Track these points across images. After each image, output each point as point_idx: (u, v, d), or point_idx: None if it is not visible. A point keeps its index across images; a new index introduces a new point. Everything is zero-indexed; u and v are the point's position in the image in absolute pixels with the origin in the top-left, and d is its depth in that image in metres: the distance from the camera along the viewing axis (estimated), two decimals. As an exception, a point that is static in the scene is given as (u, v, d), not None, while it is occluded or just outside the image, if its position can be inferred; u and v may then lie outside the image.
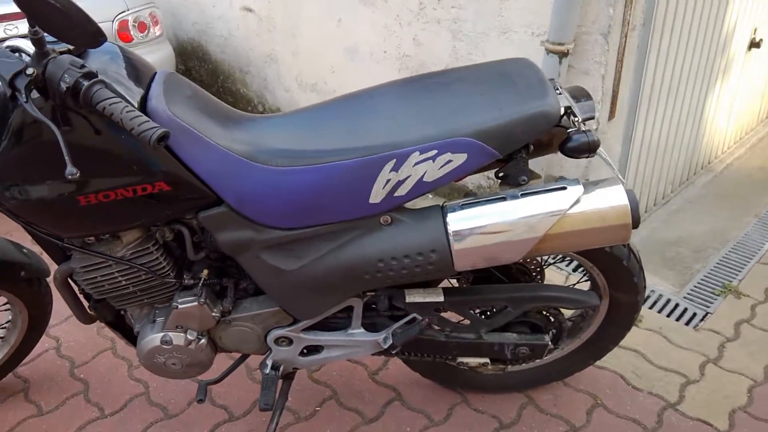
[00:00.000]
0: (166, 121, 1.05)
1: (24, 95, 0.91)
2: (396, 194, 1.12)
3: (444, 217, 1.13)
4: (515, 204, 1.11)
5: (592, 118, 1.14)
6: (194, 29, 3.94)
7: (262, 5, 3.21)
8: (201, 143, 1.08)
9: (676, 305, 2.09)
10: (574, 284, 1.47)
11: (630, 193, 1.13)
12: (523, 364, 1.59)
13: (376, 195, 1.11)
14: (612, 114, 2.07)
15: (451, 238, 1.12)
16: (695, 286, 2.20)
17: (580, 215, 1.11)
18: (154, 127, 0.88)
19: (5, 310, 1.63)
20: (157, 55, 3.02)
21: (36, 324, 1.66)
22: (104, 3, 2.81)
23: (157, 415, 1.67)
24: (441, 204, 1.17)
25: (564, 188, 1.12)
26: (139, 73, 1.10)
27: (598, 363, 1.79)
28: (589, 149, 1.12)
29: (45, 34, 0.93)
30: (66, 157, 0.90)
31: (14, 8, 2.45)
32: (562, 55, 1.94)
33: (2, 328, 1.68)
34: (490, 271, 1.40)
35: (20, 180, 1.04)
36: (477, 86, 1.17)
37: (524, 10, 2.08)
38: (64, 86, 0.91)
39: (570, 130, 1.13)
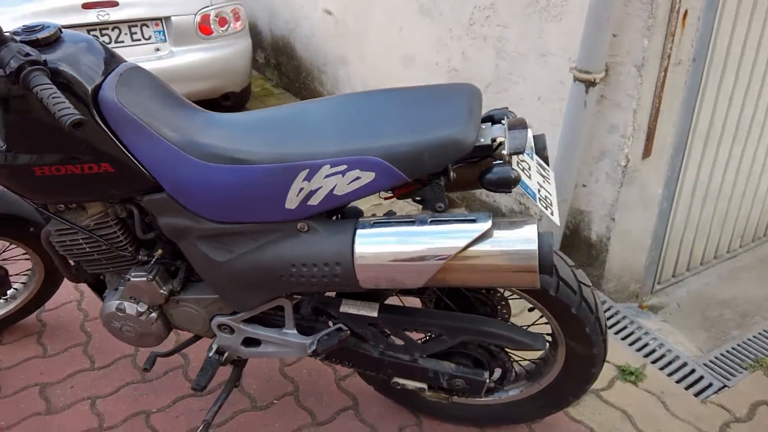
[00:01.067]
0: (113, 109, 1.15)
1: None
2: (309, 203, 1.13)
3: (354, 232, 1.13)
4: (421, 229, 1.08)
5: (521, 152, 1.08)
6: (286, 27, 4.16)
7: (339, 8, 3.32)
8: (143, 132, 1.16)
9: (692, 371, 1.89)
10: (529, 325, 1.38)
11: (544, 236, 1.06)
12: (468, 398, 1.52)
13: (291, 201, 1.13)
14: (647, 152, 1.91)
15: (355, 253, 1.11)
16: (722, 354, 1.97)
17: (483, 251, 1.06)
18: (72, 114, 0.97)
19: (26, 259, 1.84)
20: (234, 48, 3.23)
21: (51, 276, 1.86)
22: (186, 1, 3.06)
23: (135, 376, 1.80)
24: (357, 219, 1.17)
25: (473, 221, 1.08)
26: (103, 64, 1.20)
27: (576, 415, 1.68)
28: (505, 184, 1.07)
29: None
30: None
31: (105, -4, 2.76)
32: (589, 83, 1.83)
33: (24, 275, 1.91)
34: (453, 297, 1.37)
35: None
36: (403, 108, 1.16)
37: (562, 35, 1.99)
38: (7, 70, 1.03)
39: (495, 162, 1.08)
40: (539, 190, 1.16)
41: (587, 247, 2.16)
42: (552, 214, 1.16)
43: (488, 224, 1.06)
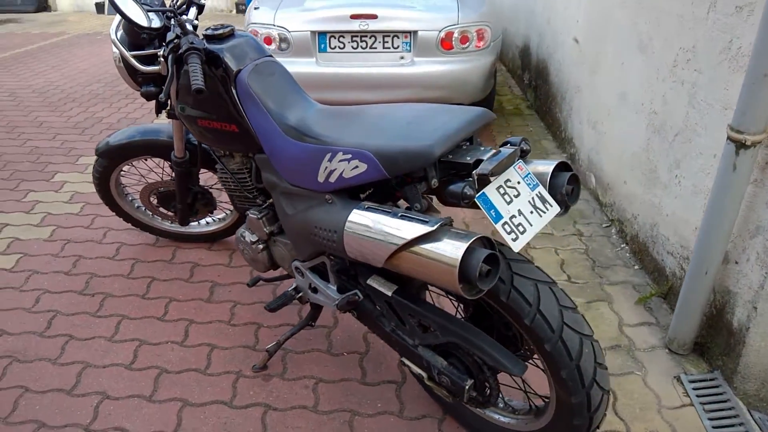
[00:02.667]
0: (242, 87, 1.59)
1: (167, 51, 1.60)
2: (329, 180, 1.39)
3: (351, 210, 1.35)
4: (390, 219, 1.24)
5: (485, 174, 1.15)
6: (546, 51, 4.29)
7: (584, 37, 3.33)
8: (257, 106, 1.58)
9: None
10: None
11: (475, 252, 1.11)
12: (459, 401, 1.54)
13: (320, 176, 1.41)
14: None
15: (345, 226, 1.33)
16: None
17: (422, 249, 1.18)
18: (198, 83, 1.43)
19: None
20: (469, 64, 3.53)
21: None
22: (437, 17, 3.47)
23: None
24: (359, 201, 1.38)
25: (425, 222, 1.19)
26: (250, 54, 1.65)
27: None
28: (455, 197, 1.16)
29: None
30: (168, 91, 1.53)
31: (368, 10, 3.37)
32: (740, 145, 1.60)
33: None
34: (484, 316, 1.48)
35: (181, 101, 1.76)
36: (414, 119, 1.32)
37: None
38: (179, 51, 1.55)
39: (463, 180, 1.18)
40: (513, 216, 1.20)
41: (727, 333, 1.86)
42: (514, 240, 1.20)
43: (431, 228, 1.17)
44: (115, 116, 4.60)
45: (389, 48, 3.52)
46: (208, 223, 2.65)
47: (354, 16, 3.42)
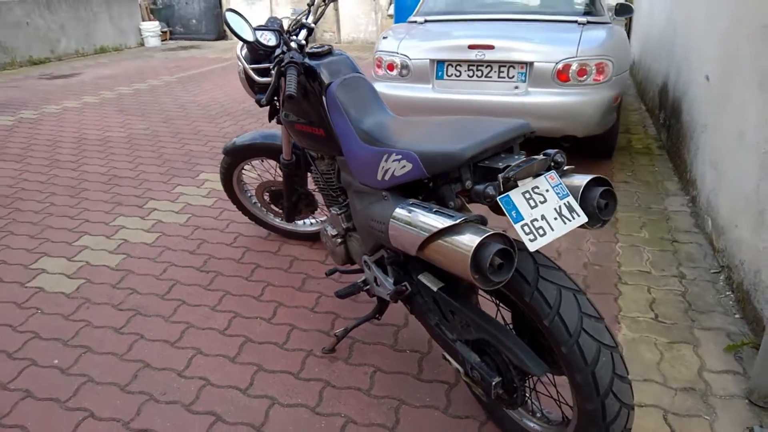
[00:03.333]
0: (330, 97, 1.82)
1: (273, 64, 1.89)
2: (385, 178, 1.56)
3: (397, 205, 1.50)
4: (426, 213, 1.37)
5: (507, 177, 1.26)
6: (681, 89, 4.12)
7: (714, 74, 3.18)
8: (340, 114, 1.80)
9: None
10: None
11: (487, 246, 1.21)
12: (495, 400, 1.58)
13: (379, 174, 1.58)
14: None
15: (390, 219, 1.48)
16: None
17: (446, 240, 1.29)
18: (291, 90, 1.69)
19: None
20: (584, 98, 3.51)
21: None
22: (555, 49, 3.52)
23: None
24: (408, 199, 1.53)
25: (451, 217, 1.30)
26: (342, 71, 1.88)
27: None
28: (478, 196, 1.27)
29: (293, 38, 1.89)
30: (270, 97, 1.81)
31: (485, 41, 3.52)
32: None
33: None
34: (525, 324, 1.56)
35: (285, 108, 2.04)
36: (459, 129, 1.44)
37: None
38: (282, 64, 1.83)
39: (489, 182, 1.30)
40: (535, 220, 1.28)
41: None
42: (531, 240, 1.26)
43: (454, 222, 1.29)
44: (260, 128, 5.21)
45: (504, 77, 3.63)
46: (311, 223, 2.95)
47: (472, 47, 3.59)
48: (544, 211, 1.32)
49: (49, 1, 9.61)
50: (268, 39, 1.97)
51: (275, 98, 2.10)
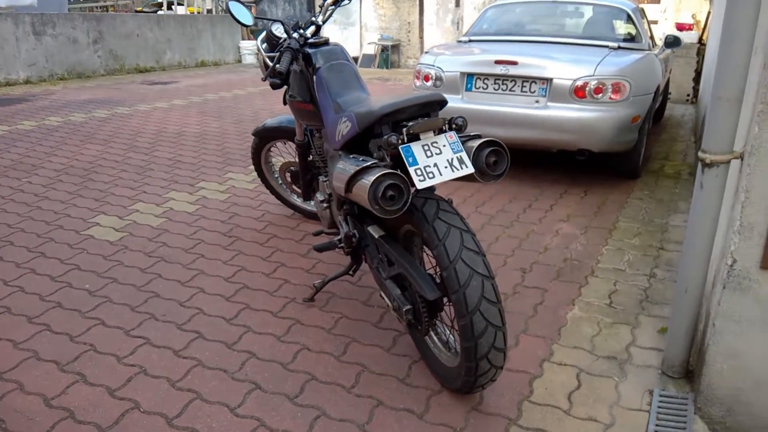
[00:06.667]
0: (318, 77, 2.21)
1: (277, 50, 2.32)
2: (338, 138, 1.93)
3: (341, 159, 1.86)
4: (351, 162, 1.74)
5: (409, 131, 1.63)
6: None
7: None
8: (324, 91, 2.19)
9: None
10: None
11: (379, 182, 1.55)
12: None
13: (337, 136, 1.96)
14: (765, 262, 1.59)
15: (334, 170, 1.84)
16: None
17: (359, 180, 1.64)
18: (279, 67, 2.11)
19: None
20: (599, 114, 3.71)
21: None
22: (573, 68, 3.75)
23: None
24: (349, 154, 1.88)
25: (365, 161, 1.65)
26: (333, 57, 2.27)
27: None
28: (387, 145, 1.67)
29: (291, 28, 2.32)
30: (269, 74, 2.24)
31: (510, 57, 3.82)
32: (703, 164, 1.69)
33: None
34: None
35: (290, 90, 2.46)
36: (392, 98, 1.79)
37: None
38: (280, 48, 2.25)
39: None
40: (428, 166, 1.59)
41: (695, 354, 1.86)
42: (421, 180, 1.58)
43: (364, 165, 1.63)
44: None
45: (526, 92, 3.90)
46: (326, 204, 3.35)
47: (498, 62, 3.91)
48: (437, 161, 1.64)
49: (160, 17, 10.88)
50: (279, 31, 2.42)
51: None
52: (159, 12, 12.77)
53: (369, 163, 1.65)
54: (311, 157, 2.71)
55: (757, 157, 1.54)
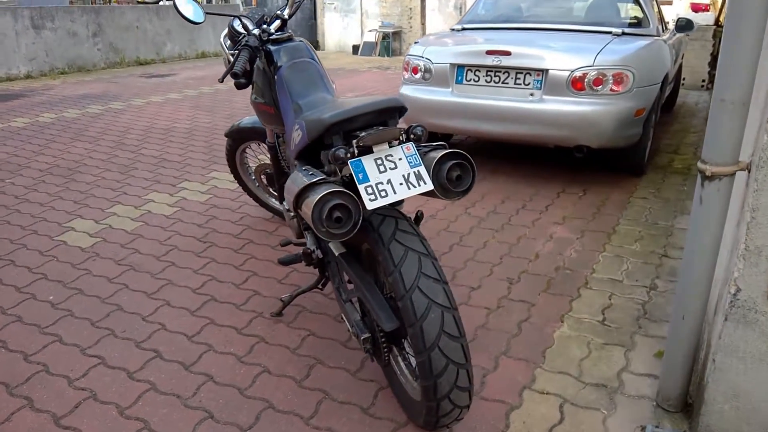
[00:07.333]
0: (279, 78, 2.02)
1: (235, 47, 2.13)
2: (292, 147, 1.74)
3: (294, 171, 1.67)
4: (302, 176, 1.53)
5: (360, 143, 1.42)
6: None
7: None
8: (284, 94, 2.00)
9: None
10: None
11: (323, 203, 1.39)
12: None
13: (292, 144, 1.77)
14: (775, 290, 1.39)
15: (287, 183, 1.64)
16: None
17: (305, 198, 1.48)
18: (235, 68, 1.92)
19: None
20: (599, 107, 3.47)
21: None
22: (571, 58, 3.52)
23: (318, 272, 2.71)
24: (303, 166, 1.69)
25: (313, 176, 1.47)
26: (296, 54, 2.08)
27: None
28: (334, 160, 1.46)
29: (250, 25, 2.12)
30: (225, 75, 2.06)
31: (502, 47, 3.59)
32: (703, 176, 1.48)
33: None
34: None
35: (254, 91, 2.28)
36: (345, 103, 1.61)
37: None
38: (238, 46, 2.06)
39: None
40: (380, 183, 1.40)
41: (694, 386, 1.66)
42: (372, 200, 1.39)
43: (310, 180, 1.44)
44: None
45: (520, 84, 3.68)
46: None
47: (489, 52, 3.68)
48: (392, 176, 1.44)
49: (159, 8, 10.71)
50: (240, 26, 2.23)
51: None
52: (160, 3, 12.59)
53: (317, 179, 1.46)
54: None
55: (767, 170, 1.32)
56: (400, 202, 1.67)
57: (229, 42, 2.39)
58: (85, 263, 2.83)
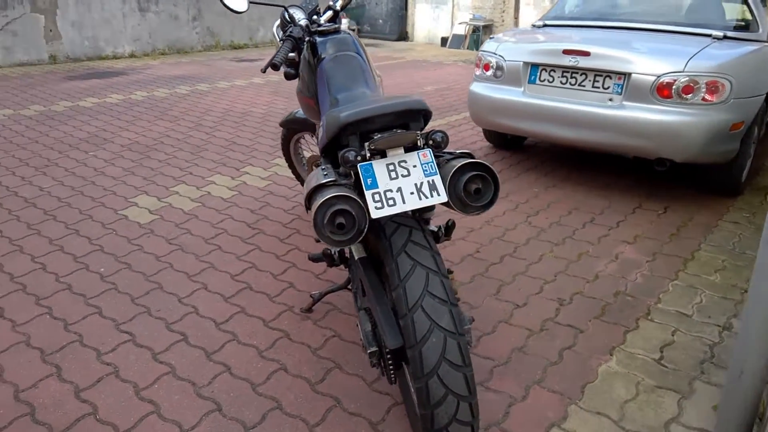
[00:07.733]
0: (320, 70, 1.94)
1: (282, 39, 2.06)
2: (319, 144, 1.65)
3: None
4: (316, 176, 1.44)
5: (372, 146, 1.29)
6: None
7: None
8: (324, 85, 1.91)
9: None
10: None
11: (324, 208, 1.29)
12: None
13: (319, 140, 1.68)
14: None
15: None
16: None
17: (314, 200, 1.37)
18: (275, 60, 1.86)
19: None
20: (687, 118, 3.12)
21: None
22: (658, 61, 3.18)
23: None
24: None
25: (325, 177, 1.38)
26: (340, 47, 1.98)
27: None
28: (344, 162, 1.35)
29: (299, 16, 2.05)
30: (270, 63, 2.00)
31: (581, 47, 3.32)
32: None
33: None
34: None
35: (300, 84, 2.21)
36: (368, 101, 1.50)
37: None
38: (286, 36, 2.00)
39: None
40: (389, 191, 1.27)
41: None
42: (377, 209, 1.27)
43: (320, 182, 1.34)
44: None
45: (598, 88, 3.39)
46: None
47: (566, 52, 3.42)
48: (402, 184, 1.32)
49: (255, -4, 11.04)
50: (288, 16, 2.17)
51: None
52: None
53: (327, 180, 1.37)
54: None
55: None
56: (431, 208, 1.54)
57: (281, 32, 2.34)
58: (140, 239, 2.91)
